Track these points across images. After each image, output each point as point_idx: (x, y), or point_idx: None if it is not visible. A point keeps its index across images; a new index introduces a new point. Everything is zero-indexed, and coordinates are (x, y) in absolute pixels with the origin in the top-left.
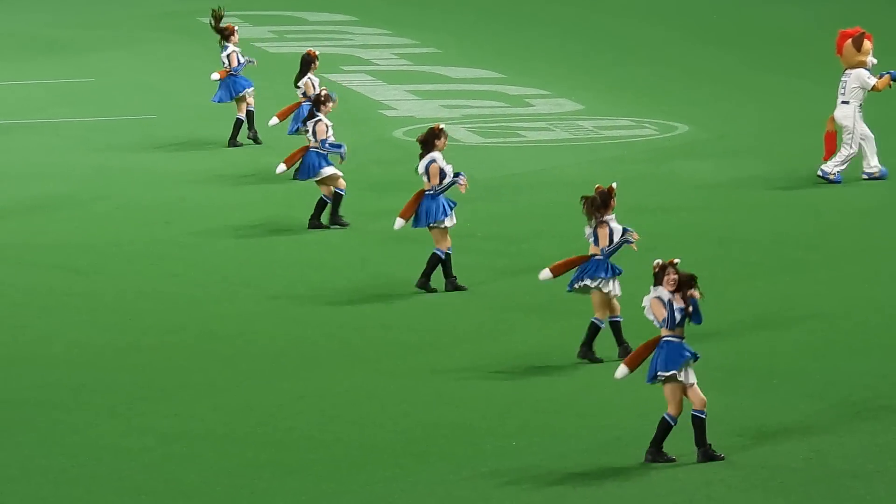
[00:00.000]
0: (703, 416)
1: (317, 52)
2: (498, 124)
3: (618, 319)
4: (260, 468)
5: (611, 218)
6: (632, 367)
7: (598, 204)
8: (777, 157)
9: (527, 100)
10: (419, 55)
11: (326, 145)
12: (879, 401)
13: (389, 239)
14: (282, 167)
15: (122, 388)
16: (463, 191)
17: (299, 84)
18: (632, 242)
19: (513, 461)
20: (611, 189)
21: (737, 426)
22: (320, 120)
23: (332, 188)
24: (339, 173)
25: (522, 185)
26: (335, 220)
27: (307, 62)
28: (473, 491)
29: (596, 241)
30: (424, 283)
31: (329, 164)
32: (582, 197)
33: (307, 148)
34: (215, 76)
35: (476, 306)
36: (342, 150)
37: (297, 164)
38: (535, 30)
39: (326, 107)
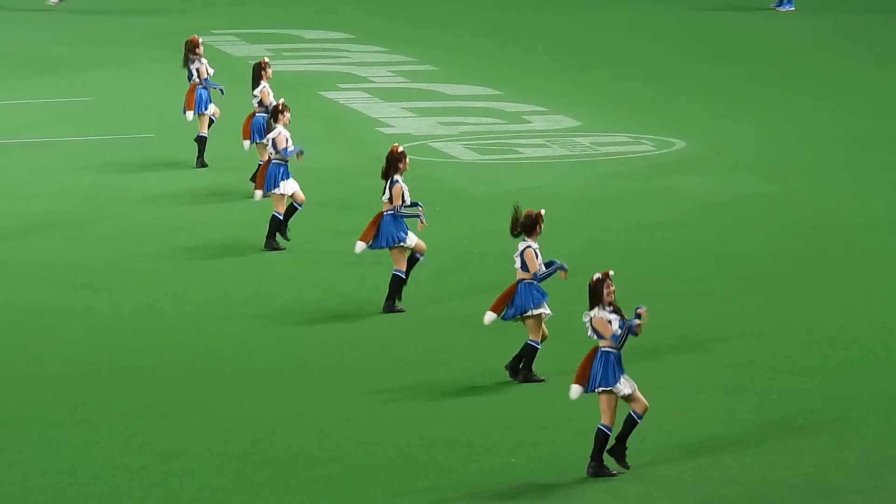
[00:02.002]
0: (608, 432)
1: (268, 60)
2: (495, 141)
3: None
4: (258, 486)
5: (534, 244)
6: (584, 384)
7: (524, 226)
8: (774, 173)
9: (524, 116)
10: (416, 72)
11: (287, 153)
12: (878, 416)
13: (388, 257)
14: (258, 193)
15: (120, 406)
16: (420, 228)
17: (255, 93)
18: (565, 270)
19: (512, 478)
20: (539, 214)
21: (735, 442)
22: (280, 132)
23: (290, 202)
24: (289, 193)
25: (520, 202)
26: (272, 243)
27: (258, 71)
28: None
29: (523, 267)
30: (391, 306)
31: (287, 177)
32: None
33: (269, 161)
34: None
35: (473, 323)
36: (297, 150)
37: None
38: (532, 46)
39: (284, 116)
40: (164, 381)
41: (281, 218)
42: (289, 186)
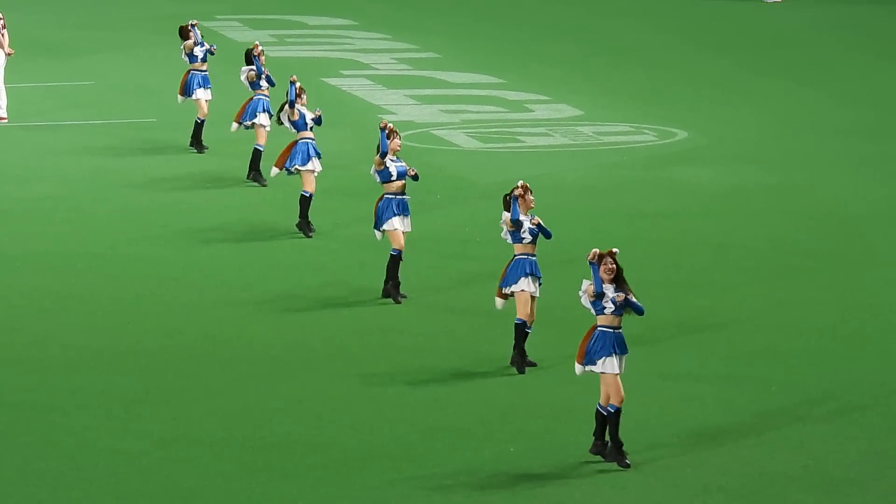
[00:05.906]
0: (605, 413)
1: (260, 47)
2: (497, 129)
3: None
4: (257, 472)
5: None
6: (581, 362)
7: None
8: (775, 163)
9: (526, 105)
10: (419, 60)
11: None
12: (877, 408)
13: (387, 244)
14: (275, 170)
15: (120, 391)
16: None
17: (242, 79)
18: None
19: (510, 466)
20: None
21: (735, 433)
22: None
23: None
24: (314, 172)
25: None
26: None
27: (248, 57)
28: (471, 496)
29: (517, 239)
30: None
31: (315, 156)
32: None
33: (295, 143)
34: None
35: (473, 310)
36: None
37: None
38: (535, 35)
39: (301, 99)
40: (164, 366)
41: (308, 196)
42: (314, 165)
